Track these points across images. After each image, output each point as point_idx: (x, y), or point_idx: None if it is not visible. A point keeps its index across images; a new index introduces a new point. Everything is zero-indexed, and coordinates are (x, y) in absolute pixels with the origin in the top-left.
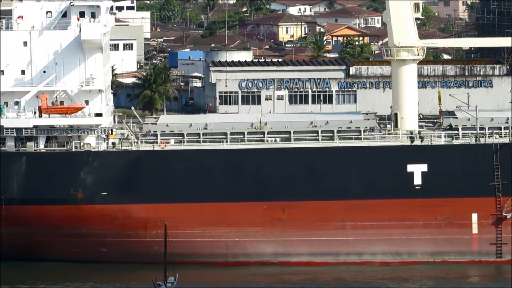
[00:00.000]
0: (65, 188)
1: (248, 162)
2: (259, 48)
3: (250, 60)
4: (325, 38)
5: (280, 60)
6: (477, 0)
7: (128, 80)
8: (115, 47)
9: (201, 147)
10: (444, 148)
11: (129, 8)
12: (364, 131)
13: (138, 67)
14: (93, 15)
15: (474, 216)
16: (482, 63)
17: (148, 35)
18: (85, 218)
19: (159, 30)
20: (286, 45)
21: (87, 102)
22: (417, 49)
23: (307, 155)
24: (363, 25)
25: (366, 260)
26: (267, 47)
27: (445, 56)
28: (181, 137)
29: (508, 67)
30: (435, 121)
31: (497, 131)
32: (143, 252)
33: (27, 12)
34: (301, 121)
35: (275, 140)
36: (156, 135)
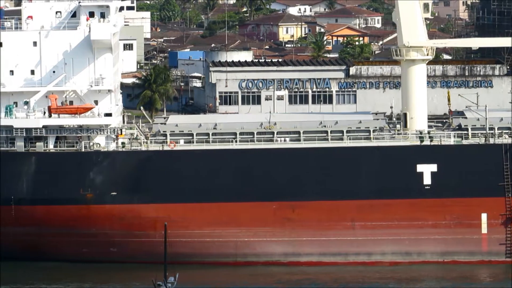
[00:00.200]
0: (74, 188)
1: (258, 162)
2: (259, 48)
3: (250, 60)
4: (325, 38)
5: (280, 60)
6: (477, 0)
7: (128, 80)
8: None
9: (211, 147)
10: (454, 148)
11: (129, 8)
12: (374, 131)
13: (138, 67)
14: (103, 15)
15: (484, 216)
16: (482, 63)
17: (148, 35)
18: (95, 218)
19: (159, 30)
20: (286, 45)
21: (96, 102)
22: (427, 49)
23: (317, 155)
24: (363, 25)
25: (375, 260)
26: (267, 47)
27: (445, 56)
28: (191, 137)
29: (508, 67)
30: (444, 121)
31: (506, 131)
32: (153, 252)
33: (37, 12)
34: (311, 121)
35: (285, 140)
36: (165, 135)
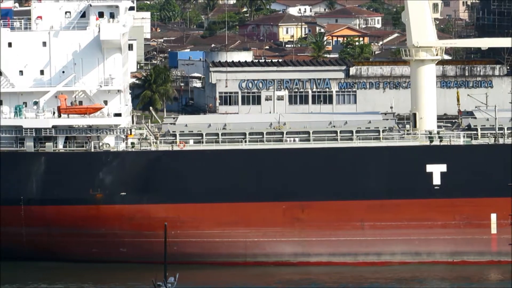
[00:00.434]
0: (84, 188)
1: (267, 162)
2: (259, 48)
3: (250, 61)
4: (325, 38)
5: (280, 60)
6: (477, 0)
7: None
8: None
9: (220, 147)
10: (463, 148)
11: (130, 8)
12: (383, 131)
13: (138, 67)
14: (112, 15)
15: (493, 216)
16: (482, 64)
17: (148, 36)
18: (104, 218)
19: (159, 30)
20: (286, 46)
21: (106, 102)
22: (436, 49)
23: (326, 155)
24: (363, 26)
25: (385, 260)
26: (267, 47)
27: (445, 57)
28: (200, 137)
29: (508, 67)
30: (454, 121)
31: None
32: (162, 252)
33: (46, 12)
34: (320, 121)
35: (294, 140)
36: (175, 135)
